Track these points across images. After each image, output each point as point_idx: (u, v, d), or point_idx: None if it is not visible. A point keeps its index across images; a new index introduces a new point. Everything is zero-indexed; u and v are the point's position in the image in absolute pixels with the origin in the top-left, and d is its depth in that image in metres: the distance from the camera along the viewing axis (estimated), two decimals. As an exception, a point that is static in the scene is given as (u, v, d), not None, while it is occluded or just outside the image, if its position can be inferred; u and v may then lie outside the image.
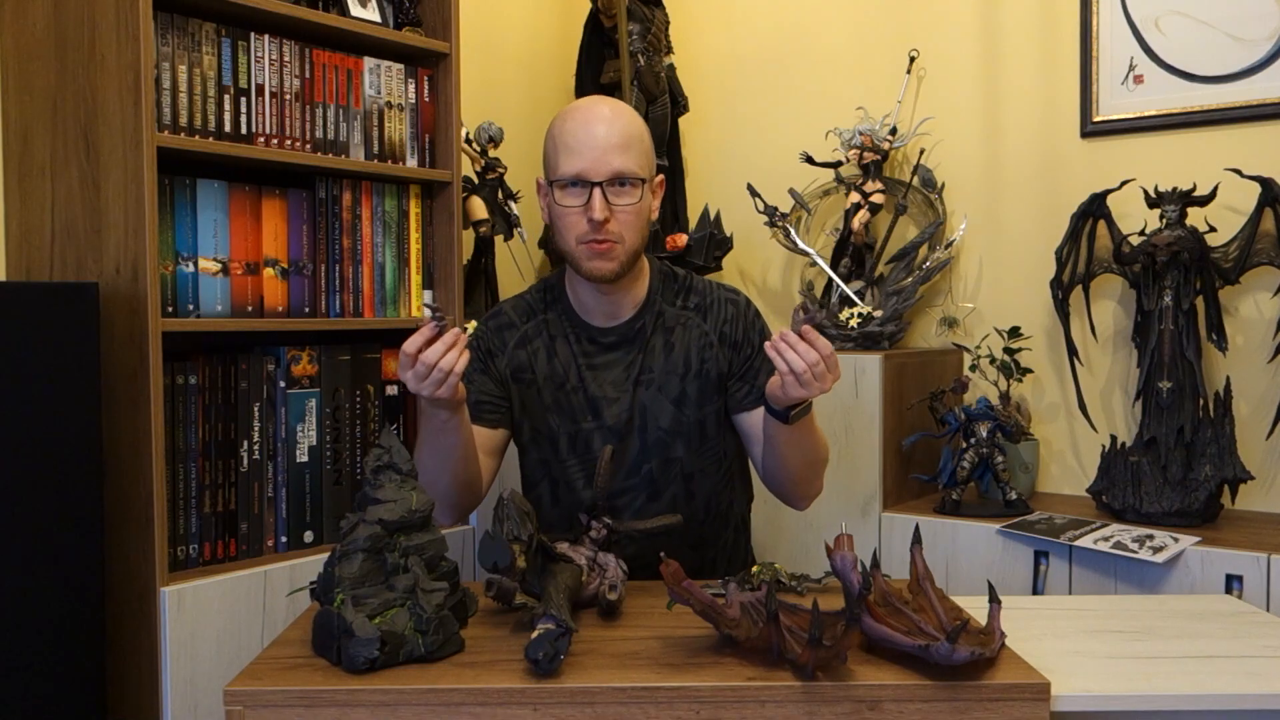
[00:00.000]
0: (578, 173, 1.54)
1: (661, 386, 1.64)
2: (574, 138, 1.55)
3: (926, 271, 2.46)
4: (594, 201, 1.53)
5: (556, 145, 1.57)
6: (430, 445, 1.53)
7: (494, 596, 1.32)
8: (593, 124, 1.55)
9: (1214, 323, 2.12)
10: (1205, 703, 1.18)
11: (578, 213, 1.55)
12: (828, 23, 2.74)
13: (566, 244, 1.58)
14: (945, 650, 1.11)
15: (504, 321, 1.70)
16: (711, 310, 1.69)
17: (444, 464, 1.53)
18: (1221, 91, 2.22)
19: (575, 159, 1.54)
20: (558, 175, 1.56)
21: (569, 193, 1.55)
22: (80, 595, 1.57)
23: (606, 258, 1.56)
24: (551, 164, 1.59)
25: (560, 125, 1.58)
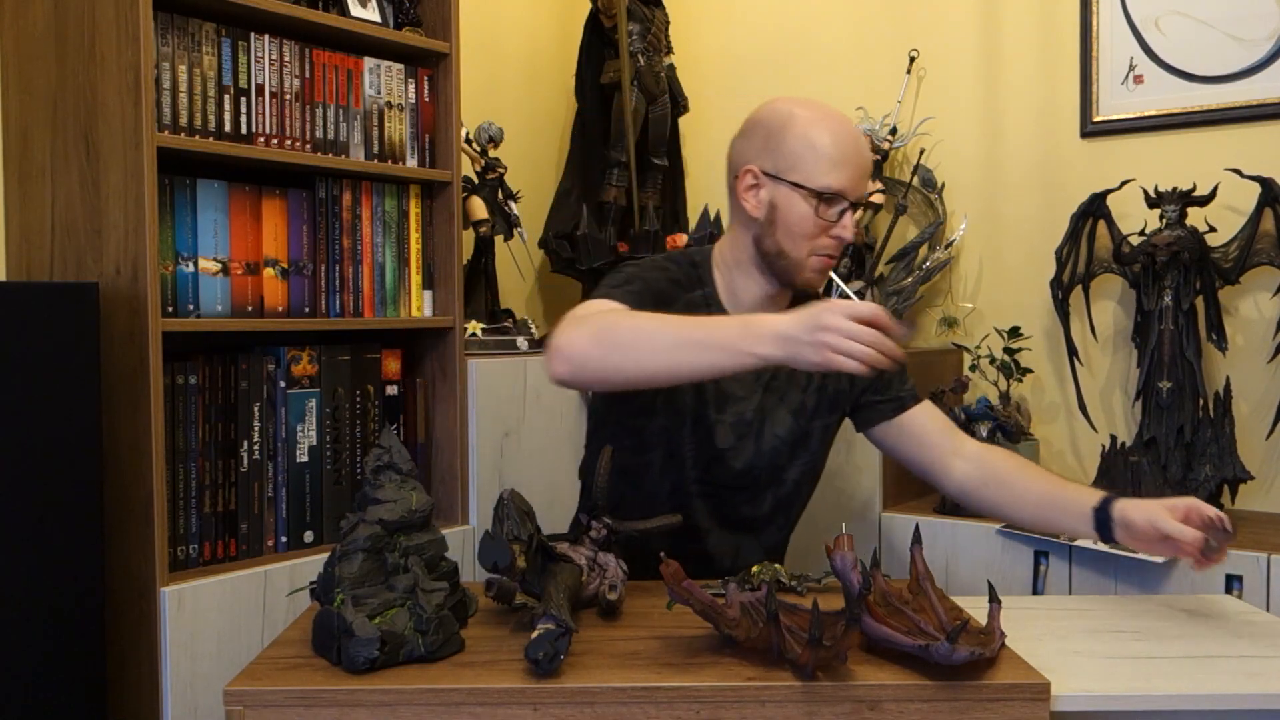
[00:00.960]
0: (842, 189, 1.52)
1: (784, 395, 1.64)
2: (841, 151, 1.52)
3: (926, 271, 2.46)
4: (847, 221, 1.52)
5: (817, 151, 1.52)
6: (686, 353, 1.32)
7: (494, 596, 1.32)
8: (855, 141, 1.54)
9: (1214, 323, 2.12)
10: (1205, 703, 1.18)
11: (825, 225, 1.53)
12: (828, 23, 2.74)
13: (795, 249, 1.55)
14: (945, 650, 1.11)
15: (673, 276, 1.61)
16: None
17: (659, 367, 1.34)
18: (1221, 91, 2.22)
19: (843, 174, 1.51)
20: (821, 185, 1.51)
21: (827, 204, 1.52)
22: (80, 595, 1.57)
23: (823, 274, 1.57)
24: (806, 169, 1.52)
25: (820, 132, 1.53)
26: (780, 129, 1.55)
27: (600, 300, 1.49)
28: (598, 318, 1.38)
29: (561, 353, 1.35)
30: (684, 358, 1.31)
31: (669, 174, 2.75)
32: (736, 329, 1.29)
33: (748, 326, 1.28)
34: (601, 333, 1.34)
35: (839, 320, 1.22)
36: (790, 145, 1.54)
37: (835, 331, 1.22)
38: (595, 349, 1.33)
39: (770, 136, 1.56)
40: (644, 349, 1.32)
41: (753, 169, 1.57)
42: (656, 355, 1.32)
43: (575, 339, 1.35)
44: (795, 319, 1.25)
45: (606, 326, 1.35)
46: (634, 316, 1.38)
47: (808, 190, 1.52)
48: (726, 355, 1.28)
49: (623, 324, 1.36)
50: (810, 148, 1.52)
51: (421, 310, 2.09)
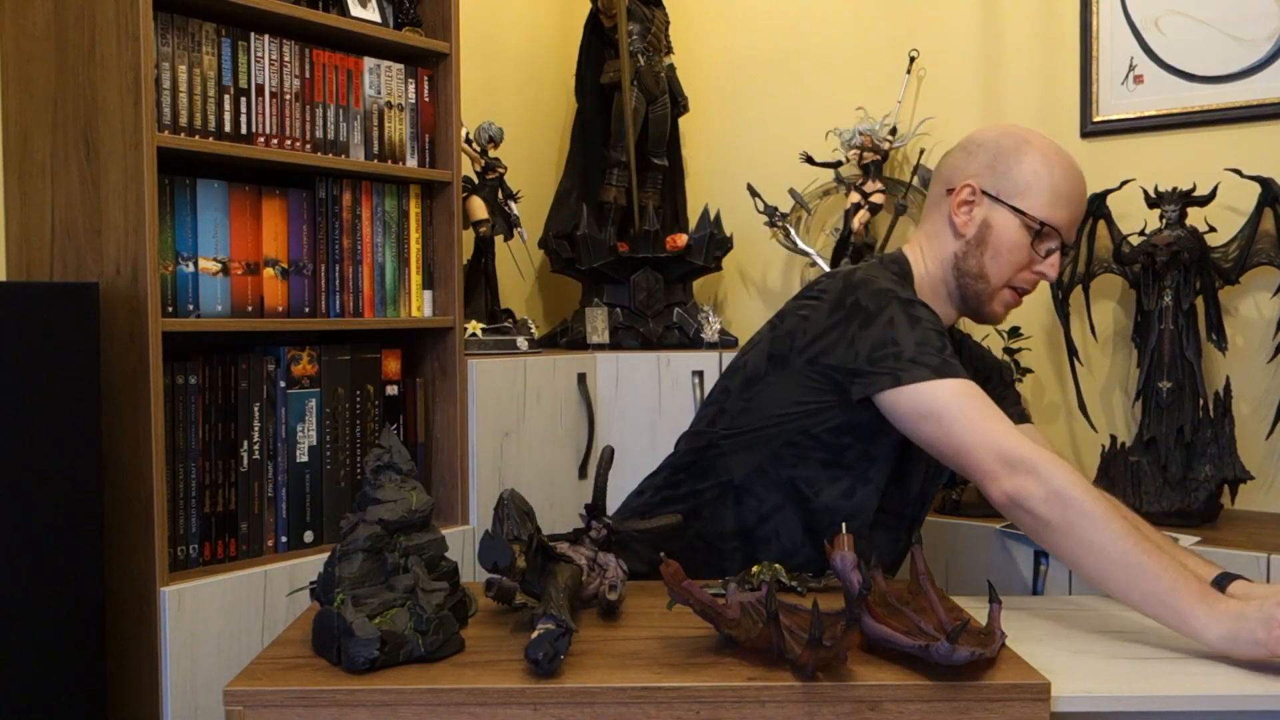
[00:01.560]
0: (1061, 226, 1.51)
1: None
2: (1074, 191, 1.52)
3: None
4: (1054, 260, 1.52)
5: (1047, 182, 1.52)
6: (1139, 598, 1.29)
7: (494, 596, 1.31)
8: (1083, 183, 1.55)
9: (1214, 323, 2.12)
10: (1205, 703, 1.18)
11: (1029, 260, 1.53)
12: (828, 23, 2.74)
13: (997, 273, 1.54)
14: (945, 650, 1.11)
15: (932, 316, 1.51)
16: (962, 350, 1.69)
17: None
18: (1221, 91, 2.22)
19: (1068, 213, 1.52)
20: (1045, 216, 1.51)
21: (1044, 240, 1.52)
22: (80, 595, 1.57)
23: (1009, 310, 1.58)
24: (1034, 197, 1.52)
25: (1060, 169, 1.53)
26: (1013, 152, 1.54)
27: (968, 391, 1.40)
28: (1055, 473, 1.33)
29: (1016, 495, 1.33)
30: (1116, 576, 1.29)
31: (669, 174, 2.75)
32: (1195, 591, 1.25)
33: (1205, 595, 1.25)
34: (1057, 498, 1.31)
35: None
36: (1022, 171, 1.53)
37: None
38: (1048, 511, 1.32)
39: (1000, 158, 1.55)
40: (1089, 545, 1.30)
41: (972, 184, 1.55)
42: (1094, 556, 1.30)
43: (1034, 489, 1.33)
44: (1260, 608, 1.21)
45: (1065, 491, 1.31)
46: (1095, 499, 1.32)
47: (1030, 218, 1.51)
48: (1172, 619, 1.26)
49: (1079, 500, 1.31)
50: (1040, 179, 1.52)
51: (421, 310, 2.09)
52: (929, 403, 1.40)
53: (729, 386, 1.62)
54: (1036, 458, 1.34)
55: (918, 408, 1.41)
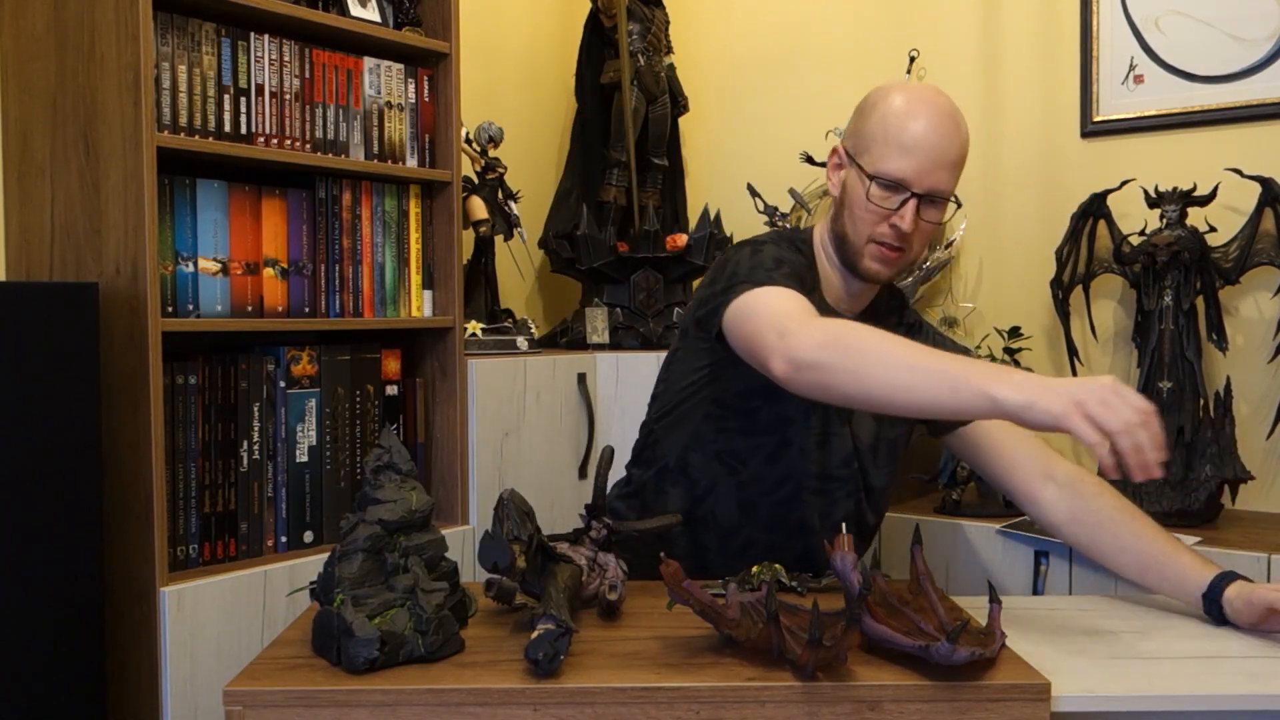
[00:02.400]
0: (901, 176, 1.46)
1: None
2: (912, 139, 1.46)
3: (926, 271, 2.46)
4: (906, 212, 1.47)
5: (888, 136, 1.47)
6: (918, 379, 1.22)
7: (494, 596, 1.31)
8: (934, 130, 1.47)
9: (1214, 323, 2.12)
10: (1205, 703, 1.18)
11: (883, 213, 1.48)
12: (828, 23, 2.74)
13: (857, 234, 1.51)
14: (945, 650, 1.11)
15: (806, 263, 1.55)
16: (919, 333, 1.66)
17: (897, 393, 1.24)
18: (1221, 91, 2.22)
19: (904, 162, 1.46)
20: (879, 172, 1.47)
21: (884, 191, 1.47)
22: (80, 595, 1.57)
23: (888, 264, 1.51)
24: (875, 151, 1.48)
25: (899, 117, 1.48)
26: (867, 110, 1.52)
27: (776, 291, 1.40)
28: (824, 323, 1.31)
29: (791, 353, 1.29)
30: (907, 382, 1.22)
31: (669, 174, 2.75)
32: (983, 368, 1.19)
33: (996, 368, 1.19)
34: (832, 340, 1.28)
35: (1111, 392, 1.11)
36: (868, 127, 1.51)
37: (1098, 397, 1.11)
38: (823, 353, 1.27)
39: (856, 116, 1.54)
40: (869, 367, 1.24)
41: (839, 147, 1.56)
42: (880, 373, 1.24)
43: (805, 340, 1.29)
44: (1054, 380, 1.15)
45: (838, 334, 1.29)
46: (865, 330, 1.30)
47: (864, 173, 1.49)
48: (950, 390, 1.19)
49: (855, 334, 1.29)
50: (883, 131, 1.48)
51: (421, 310, 2.09)
52: (740, 308, 1.40)
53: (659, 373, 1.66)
54: (807, 320, 1.32)
55: (734, 317, 1.41)
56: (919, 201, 1.47)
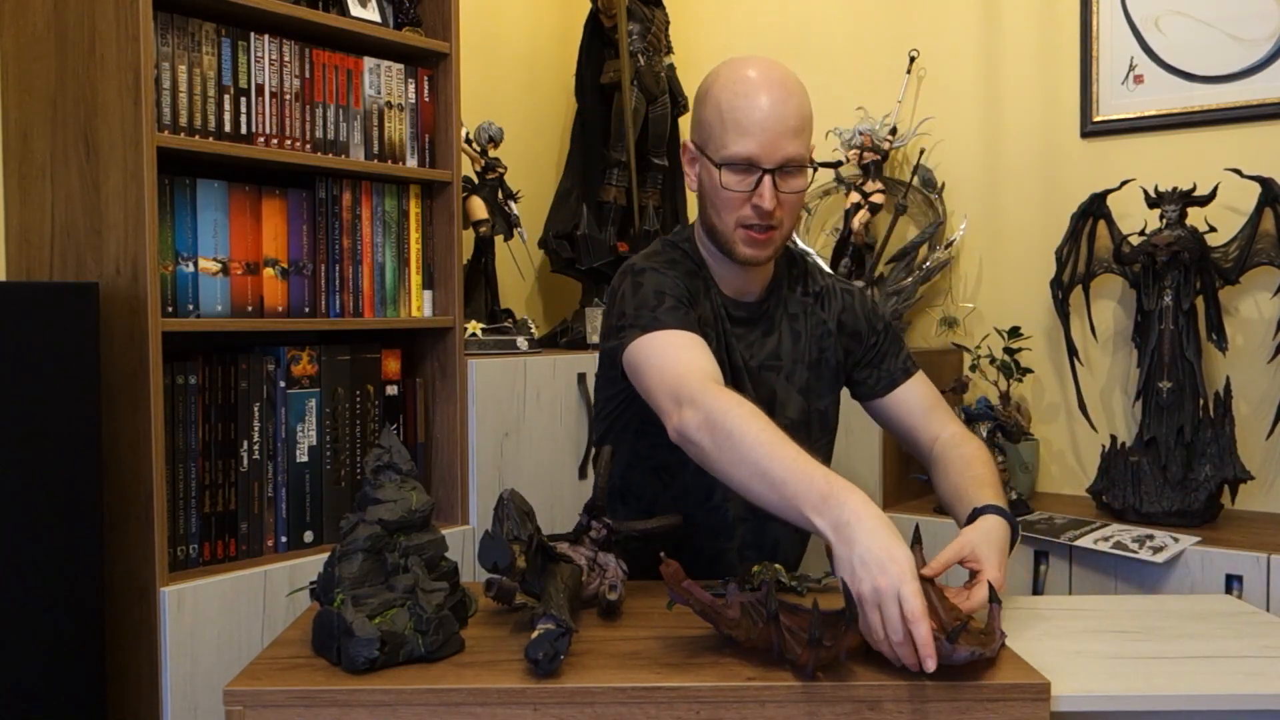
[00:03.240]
0: (748, 156, 1.44)
1: (790, 375, 1.59)
2: (747, 116, 1.43)
3: (926, 271, 2.46)
4: (764, 190, 1.44)
5: (724, 120, 1.45)
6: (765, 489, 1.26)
7: (494, 596, 1.31)
8: (767, 102, 1.43)
9: (1214, 323, 2.12)
10: (1205, 703, 1.18)
11: (742, 196, 1.46)
12: (828, 23, 2.74)
13: (723, 224, 1.50)
14: (945, 650, 1.11)
15: (688, 268, 1.56)
16: (828, 298, 1.65)
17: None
18: (1221, 91, 2.22)
19: (747, 140, 1.43)
20: (725, 156, 1.45)
21: (735, 174, 1.45)
22: (80, 595, 1.57)
23: (764, 245, 1.49)
24: (716, 139, 1.47)
25: (730, 98, 1.45)
26: (702, 97, 1.51)
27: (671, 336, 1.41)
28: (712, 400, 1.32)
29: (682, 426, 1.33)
30: (755, 489, 1.27)
31: (669, 174, 2.75)
32: (817, 495, 1.20)
33: (827, 499, 1.19)
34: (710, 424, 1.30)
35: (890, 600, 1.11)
36: (704, 116, 1.49)
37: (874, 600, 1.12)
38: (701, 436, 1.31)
39: (697, 108, 1.52)
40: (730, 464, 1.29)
41: (686, 143, 1.55)
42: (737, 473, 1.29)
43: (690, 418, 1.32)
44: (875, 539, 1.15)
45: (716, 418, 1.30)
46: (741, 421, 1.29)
47: (713, 162, 1.48)
48: (787, 508, 1.23)
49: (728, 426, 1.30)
50: (718, 116, 1.46)
51: (421, 310, 2.09)
52: (632, 358, 1.43)
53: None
54: (700, 389, 1.33)
55: (630, 365, 1.44)
56: (774, 176, 1.45)
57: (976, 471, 1.53)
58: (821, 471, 1.23)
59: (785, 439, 1.28)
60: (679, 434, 1.34)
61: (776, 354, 1.59)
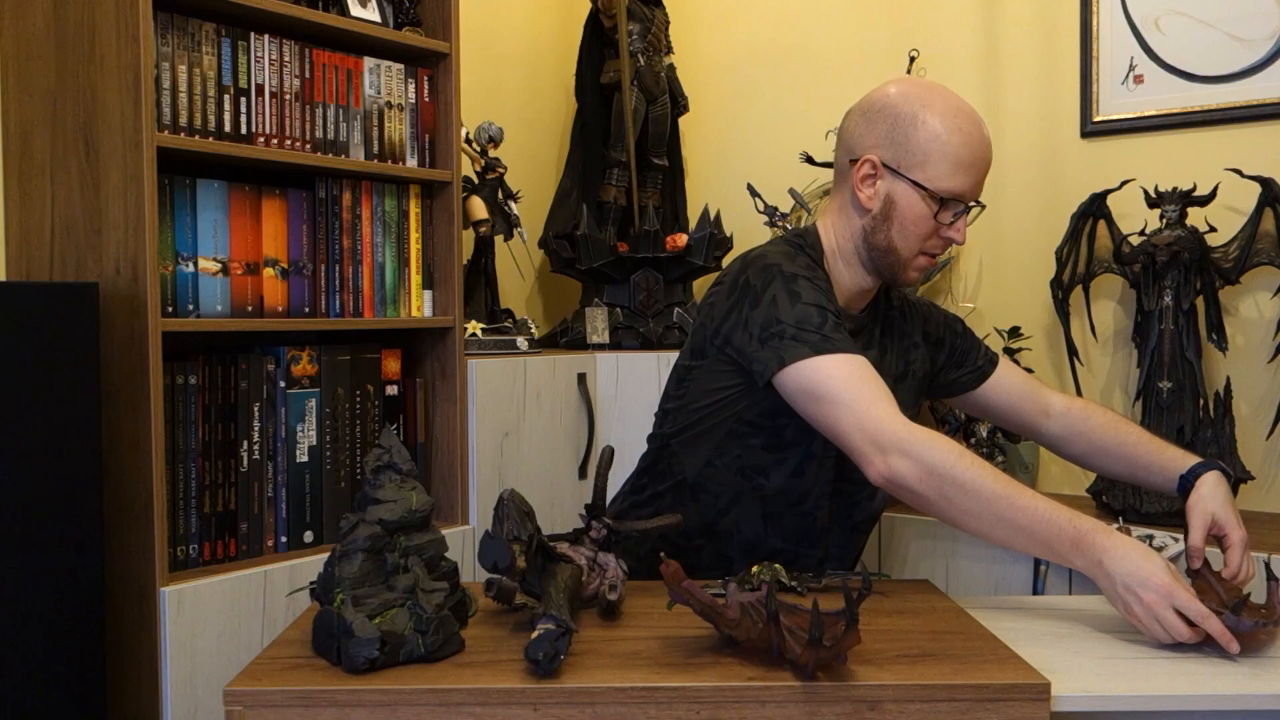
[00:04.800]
0: (965, 193, 1.48)
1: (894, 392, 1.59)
2: (971, 153, 1.47)
3: (926, 271, 2.46)
4: (961, 224, 1.49)
5: (946, 151, 1.46)
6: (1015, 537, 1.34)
7: (494, 596, 1.31)
8: (984, 142, 1.50)
9: (1214, 323, 2.12)
10: (1205, 703, 1.18)
11: (934, 226, 1.49)
12: (828, 23, 2.74)
13: (907, 248, 1.51)
14: (1231, 620, 1.22)
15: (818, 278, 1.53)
16: (911, 311, 1.69)
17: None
18: (1221, 91, 2.22)
19: (968, 177, 1.48)
20: (946, 188, 1.47)
21: (946, 207, 1.48)
22: (80, 595, 1.57)
23: (924, 272, 1.56)
24: (933, 167, 1.47)
25: (954, 132, 1.47)
26: (909, 121, 1.48)
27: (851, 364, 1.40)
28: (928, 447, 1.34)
29: (889, 473, 1.35)
30: (999, 534, 1.34)
31: (669, 174, 2.75)
32: (1069, 541, 1.31)
33: (1078, 544, 1.30)
34: (934, 474, 1.34)
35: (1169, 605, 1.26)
36: (919, 142, 1.48)
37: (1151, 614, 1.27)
38: (924, 487, 1.35)
39: (897, 127, 1.49)
40: (971, 513, 1.34)
41: (873, 159, 1.51)
42: (978, 522, 1.35)
43: (905, 467, 1.34)
44: (1129, 564, 1.28)
45: (940, 468, 1.33)
46: (969, 469, 1.34)
47: (929, 192, 1.47)
48: (1047, 554, 1.34)
49: (956, 470, 1.33)
50: (940, 147, 1.47)
51: (421, 310, 2.09)
52: (808, 382, 1.41)
53: (669, 385, 1.65)
54: (907, 436, 1.35)
55: (801, 386, 1.42)
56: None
57: (1135, 434, 1.65)
58: (1066, 515, 1.32)
59: (1019, 486, 1.35)
60: (889, 481, 1.37)
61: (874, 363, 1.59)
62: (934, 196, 1.47)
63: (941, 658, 1.19)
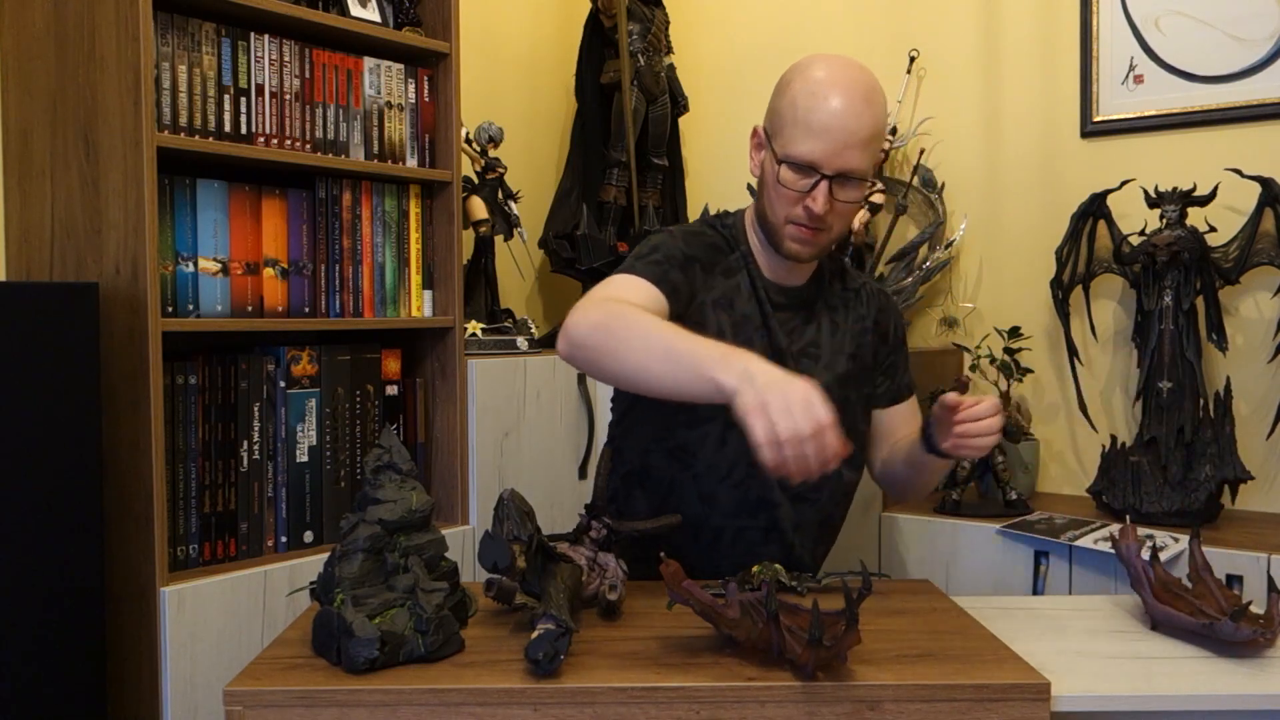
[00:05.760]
0: (811, 161, 1.44)
1: (828, 364, 1.59)
2: (820, 121, 1.43)
3: (926, 271, 2.46)
4: (818, 195, 1.45)
5: (798, 118, 1.45)
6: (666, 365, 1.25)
7: (494, 596, 1.32)
8: (845, 111, 1.43)
9: (1214, 323, 2.12)
10: (1205, 703, 1.18)
11: (796, 195, 1.47)
12: (828, 23, 2.74)
13: (774, 216, 1.50)
14: (1229, 628, 1.23)
15: (712, 242, 1.57)
16: (869, 298, 1.67)
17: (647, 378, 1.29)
18: (1221, 91, 2.22)
19: (813, 143, 1.43)
20: (787, 153, 1.45)
21: (794, 173, 1.46)
22: (80, 595, 1.57)
23: (809, 245, 1.51)
24: (785, 133, 1.46)
25: (805, 96, 1.45)
26: (782, 87, 1.51)
27: (622, 277, 1.43)
28: (609, 305, 1.33)
29: (567, 332, 1.33)
30: (654, 367, 1.26)
31: (669, 174, 2.75)
32: (716, 357, 1.21)
33: (727, 355, 1.21)
34: (604, 321, 1.31)
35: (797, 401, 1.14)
36: (778, 106, 1.49)
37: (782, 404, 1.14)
38: (593, 335, 1.31)
39: (773, 95, 1.52)
40: (627, 349, 1.28)
41: (758, 127, 1.55)
42: (635, 357, 1.27)
43: (581, 321, 1.32)
44: (773, 374, 1.17)
45: (611, 315, 1.31)
46: (638, 314, 1.31)
47: (776, 157, 1.48)
48: (689, 376, 1.22)
49: (625, 317, 1.30)
50: (792, 111, 1.46)
51: (421, 310, 2.09)
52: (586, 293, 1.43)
53: None
54: (601, 304, 1.34)
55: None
56: (831, 182, 1.45)
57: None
58: (719, 344, 1.26)
59: (682, 329, 1.29)
60: (567, 338, 1.32)
61: (815, 342, 1.60)
62: (781, 161, 1.47)
63: (941, 658, 1.19)
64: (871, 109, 1.46)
